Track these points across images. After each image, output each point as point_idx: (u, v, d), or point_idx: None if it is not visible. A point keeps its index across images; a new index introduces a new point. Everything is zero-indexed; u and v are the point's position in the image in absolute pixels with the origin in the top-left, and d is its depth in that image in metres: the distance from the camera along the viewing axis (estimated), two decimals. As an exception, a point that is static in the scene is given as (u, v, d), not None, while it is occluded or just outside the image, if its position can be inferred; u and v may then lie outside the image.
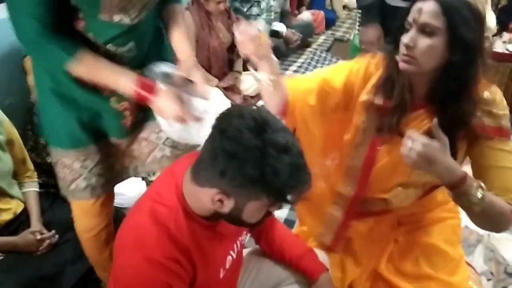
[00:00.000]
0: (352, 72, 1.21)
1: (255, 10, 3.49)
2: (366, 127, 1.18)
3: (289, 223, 2.09)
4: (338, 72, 1.23)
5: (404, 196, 1.21)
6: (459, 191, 0.98)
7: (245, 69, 3.21)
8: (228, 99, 2.99)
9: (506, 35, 2.86)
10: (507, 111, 1.08)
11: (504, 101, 1.08)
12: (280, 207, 0.92)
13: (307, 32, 4.11)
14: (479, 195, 0.96)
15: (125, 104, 1.25)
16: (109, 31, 1.11)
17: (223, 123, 0.85)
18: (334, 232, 1.36)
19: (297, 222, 1.61)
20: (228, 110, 0.88)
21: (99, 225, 1.39)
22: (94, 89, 1.19)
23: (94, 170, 1.28)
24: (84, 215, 1.35)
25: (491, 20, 2.44)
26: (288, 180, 0.83)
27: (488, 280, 1.77)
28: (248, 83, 3.18)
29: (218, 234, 1.00)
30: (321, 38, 4.71)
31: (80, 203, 1.33)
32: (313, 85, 1.22)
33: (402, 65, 1.04)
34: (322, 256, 1.34)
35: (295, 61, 3.97)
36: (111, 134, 1.30)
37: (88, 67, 1.08)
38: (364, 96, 1.17)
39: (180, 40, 1.32)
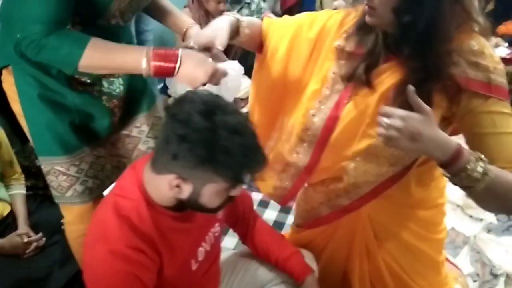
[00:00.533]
0: (330, 18, 1.15)
1: (245, 11, 3.49)
2: (335, 78, 1.10)
3: (278, 225, 2.10)
4: (317, 20, 1.17)
5: (363, 170, 1.10)
6: (455, 168, 0.83)
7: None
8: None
9: (493, 39, 2.90)
10: (500, 66, 0.93)
11: (497, 56, 0.94)
12: (238, 191, 0.94)
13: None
14: (480, 169, 0.82)
15: (115, 101, 1.27)
16: (103, 34, 1.10)
17: (175, 108, 0.86)
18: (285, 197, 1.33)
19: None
20: (180, 96, 0.90)
21: None
22: (85, 91, 1.19)
23: (89, 172, 1.28)
24: (80, 220, 1.34)
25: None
26: (240, 160, 0.84)
27: (474, 281, 1.80)
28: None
29: (183, 224, 1.00)
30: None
31: (76, 208, 1.32)
32: (289, 31, 1.19)
33: (366, 19, 0.98)
34: (309, 256, 1.35)
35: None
36: (102, 133, 1.30)
37: (101, 53, 1.03)
38: (336, 42, 1.10)
39: (179, 13, 1.38)
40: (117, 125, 1.33)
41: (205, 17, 2.80)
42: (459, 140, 0.91)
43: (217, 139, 0.82)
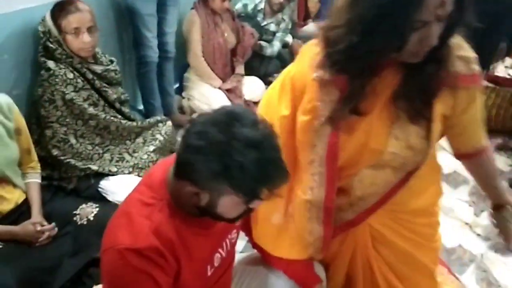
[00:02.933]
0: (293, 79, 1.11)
1: (273, 26, 3.56)
2: (325, 104, 1.03)
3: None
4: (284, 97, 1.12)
5: (370, 181, 1.10)
6: None
7: (248, 74, 3.25)
8: (230, 101, 3.02)
9: (508, 60, 2.91)
10: (474, 53, 0.99)
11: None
12: (257, 203, 0.90)
13: (312, 44, 4.16)
14: None
15: None
16: None
17: (198, 117, 0.86)
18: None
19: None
20: (208, 110, 0.89)
21: None
22: None
23: None
24: None
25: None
26: (256, 176, 0.81)
27: (479, 300, 1.79)
28: (251, 87, 3.21)
29: (203, 230, 1.00)
30: (326, 50, 4.70)
31: None
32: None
33: (415, 60, 0.93)
34: (318, 265, 1.35)
35: (298, 71, 4.01)
36: None
37: None
38: (314, 74, 1.03)
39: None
40: None
41: (212, 15, 2.89)
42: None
43: (231, 153, 0.80)
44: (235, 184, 0.83)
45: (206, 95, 2.93)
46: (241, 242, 1.94)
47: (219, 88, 3.00)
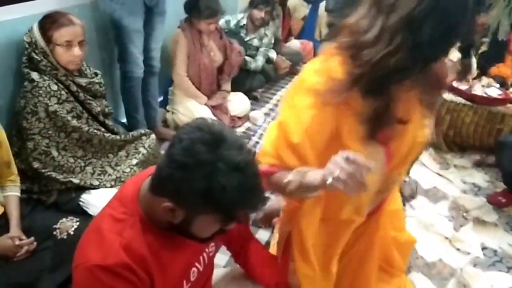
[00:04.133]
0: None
1: (256, 42, 3.60)
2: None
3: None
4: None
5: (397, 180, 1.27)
6: None
7: (233, 89, 3.27)
8: (216, 118, 3.04)
9: (485, 79, 3.00)
10: None
11: None
12: (232, 225, 0.92)
13: (296, 60, 4.20)
14: None
15: None
16: None
17: (183, 132, 0.85)
18: None
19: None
20: (192, 121, 0.89)
21: None
22: None
23: None
24: None
25: (472, 64, 2.56)
26: (236, 199, 0.82)
27: (459, 314, 1.81)
28: (236, 104, 3.23)
29: (178, 245, 0.99)
30: (309, 67, 4.78)
31: None
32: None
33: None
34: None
35: (283, 87, 4.04)
36: None
37: None
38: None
39: None
40: None
41: (198, 35, 2.90)
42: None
43: (216, 174, 0.80)
44: (215, 204, 0.83)
45: (191, 110, 2.93)
46: (225, 257, 1.93)
47: (205, 104, 3.01)
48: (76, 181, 1.75)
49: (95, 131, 1.82)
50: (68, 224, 1.59)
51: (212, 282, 1.29)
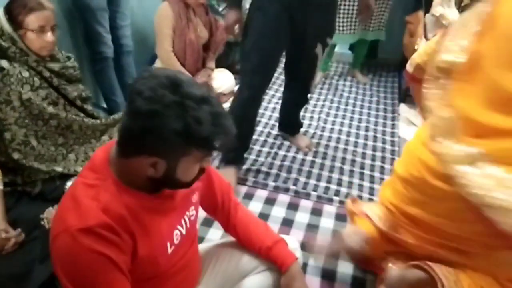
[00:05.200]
0: None
1: None
2: None
3: (263, 217, 2.10)
4: None
5: None
6: None
7: (217, 66, 3.21)
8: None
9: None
10: None
11: None
12: (208, 161, 0.97)
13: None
14: None
15: None
16: None
17: (138, 85, 0.85)
18: None
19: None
20: (140, 74, 0.89)
21: None
22: None
23: None
24: None
25: (454, 17, 2.52)
26: (212, 128, 0.85)
27: None
28: (220, 80, 3.17)
29: (157, 208, 1.00)
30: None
31: None
32: None
33: None
34: (293, 243, 1.35)
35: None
36: None
37: None
38: None
39: None
40: None
41: (185, 9, 2.79)
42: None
43: (187, 110, 0.83)
44: (195, 140, 0.85)
45: (174, 89, 2.87)
46: (219, 232, 1.93)
47: (190, 82, 2.94)
48: (59, 169, 1.71)
49: (74, 116, 1.78)
50: (54, 213, 1.55)
51: (202, 254, 1.29)
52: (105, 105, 2.61)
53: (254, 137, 2.66)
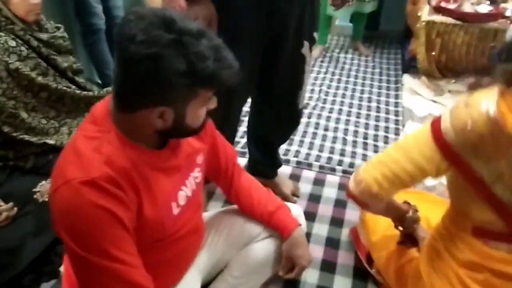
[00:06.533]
0: None
1: None
2: None
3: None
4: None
5: None
6: None
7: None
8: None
9: (476, -3, 2.85)
10: None
11: None
12: (215, 101, 0.89)
13: None
14: None
15: None
16: None
17: (127, 30, 0.75)
18: None
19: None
20: (124, 18, 0.79)
21: None
22: None
23: None
24: None
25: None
26: (215, 63, 0.78)
27: None
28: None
29: (163, 162, 0.94)
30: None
31: None
32: None
33: None
34: (296, 210, 1.31)
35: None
36: None
37: None
38: None
39: None
40: None
41: None
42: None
43: (187, 47, 0.75)
44: (202, 78, 0.78)
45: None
46: (220, 203, 1.88)
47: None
48: (51, 142, 1.65)
49: (65, 88, 1.71)
50: (48, 187, 1.50)
51: (205, 221, 1.24)
52: (99, 81, 2.53)
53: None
